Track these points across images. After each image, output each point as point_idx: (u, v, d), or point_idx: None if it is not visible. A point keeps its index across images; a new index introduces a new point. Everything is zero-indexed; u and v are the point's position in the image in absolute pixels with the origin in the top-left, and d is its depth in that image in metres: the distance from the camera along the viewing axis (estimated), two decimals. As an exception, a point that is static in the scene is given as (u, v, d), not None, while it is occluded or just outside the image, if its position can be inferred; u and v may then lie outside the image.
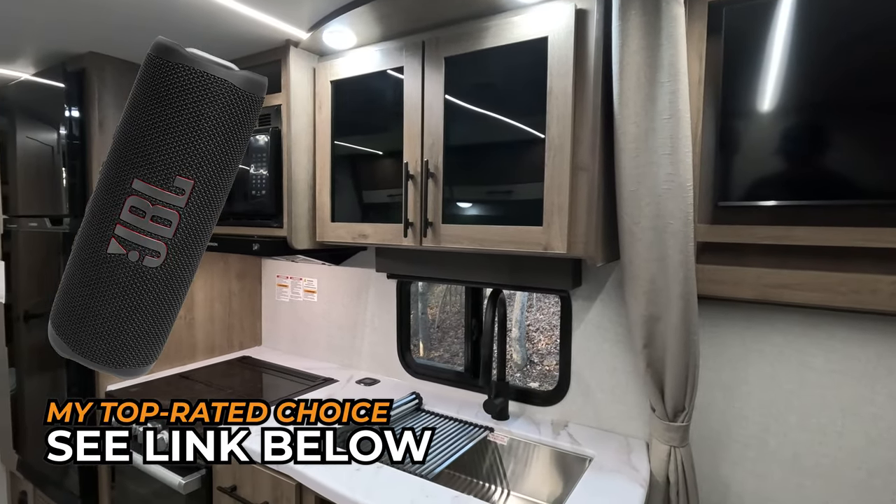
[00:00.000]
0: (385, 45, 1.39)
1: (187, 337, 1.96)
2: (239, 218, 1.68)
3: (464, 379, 1.69)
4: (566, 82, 1.09)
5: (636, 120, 1.05)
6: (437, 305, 7.39)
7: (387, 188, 1.46)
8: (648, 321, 1.12)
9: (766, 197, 1.09)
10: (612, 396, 1.39)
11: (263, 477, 1.25)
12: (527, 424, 1.44)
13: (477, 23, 1.22)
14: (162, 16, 1.33)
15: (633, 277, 1.12)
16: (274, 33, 1.43)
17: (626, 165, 1.07)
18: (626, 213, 1.10)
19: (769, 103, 1.06)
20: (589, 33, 1.08)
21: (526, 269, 1.39)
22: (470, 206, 1.30)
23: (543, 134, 1.14)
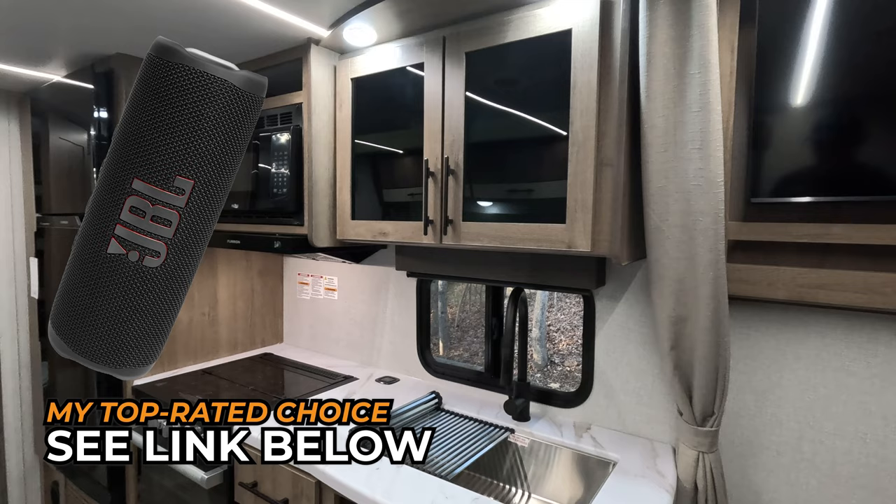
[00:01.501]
0: (405, 42, 1.38)
1: (210, 333, 1.99)
2: (261, 216, 1.69)
3: (484, 379, 1.67)
4: (591, 75, 1.06)
5: (664, 113, 1.01)
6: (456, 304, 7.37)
7: (407, 186, 1.45)
8: (676, 322, 1.09)
9: (802, 193, 1.04)
10: (637, 399, 1.35)
11: (284, 474, 1.25)
12: (548, 426, 1.41)
13: (499, 16, 1.20)
14: (185, 17, 1.34)
15: (660, 277, 1.08)
16: (295, 31, 1.43)
17: (654, 160, 1.04)
18: (652, 210, 1.06)
19: (804, 95, 1.01)
20: (615, 24, 1.04)
21: (548, 267, 1.37)
22: (490, 203, 1.28)
23: (566, 129, 1.11)
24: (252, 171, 1.67)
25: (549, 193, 1.17)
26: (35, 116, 2.12)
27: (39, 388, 2.24)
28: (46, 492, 2.31)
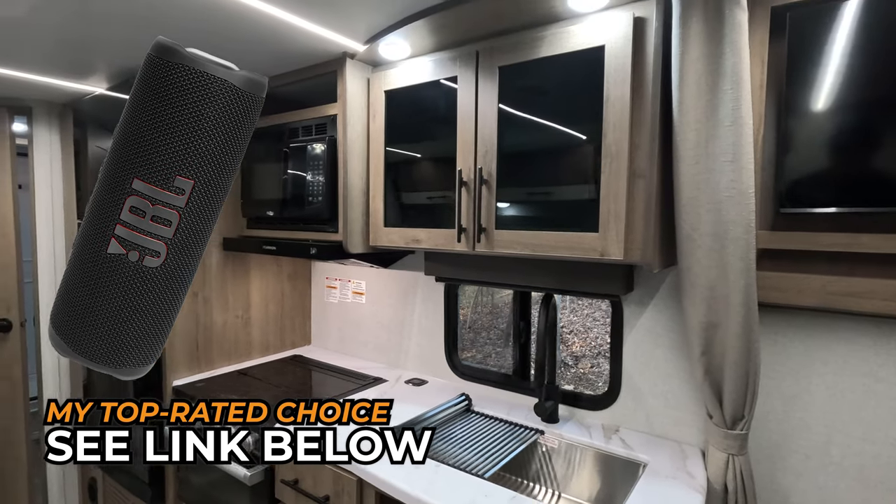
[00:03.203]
0: (438, 56, 1.43)
1: (244, 335, 2.06)
2: (295, 223, 1.75)
3: (511, 381, 1.71)
4: (624, 90, 1.10)
5: (697, 127, 1.04)
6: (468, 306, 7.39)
7: (438, 194, 1.50)
8: (707, 328, 1.12)
9: (830, 203, 1.07)
10: (665, 402, 1.39)
11: (325, 471, 1.31)
12: (577, 428, 1.45)
13: (532, 32, 1.25)
14: (226, 32, 1.39)
15: (692, 284, 1.12)
16: (331, 46, 1.49)
17: (686, 172, 1.07)
18: (684, 220, 1.10)
19: (833, 108, 1.04)
20: (647, 41, 1.08)
21: (578, 273, 1.40)
22: (523, 211, 1.32)
23: (599, 142, 1.15)
24: (284, 178, 1.74)
25: (581, 203, 1.21)
26: (77, 127, 2.21)
27: (79, 387, 2.33)
28: (84, 488, 2.39)
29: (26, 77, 1.87)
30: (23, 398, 2.30)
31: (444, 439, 1.42)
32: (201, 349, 1.90)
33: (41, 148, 2.30)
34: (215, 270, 1.94)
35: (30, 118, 2.27)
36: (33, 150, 2.28)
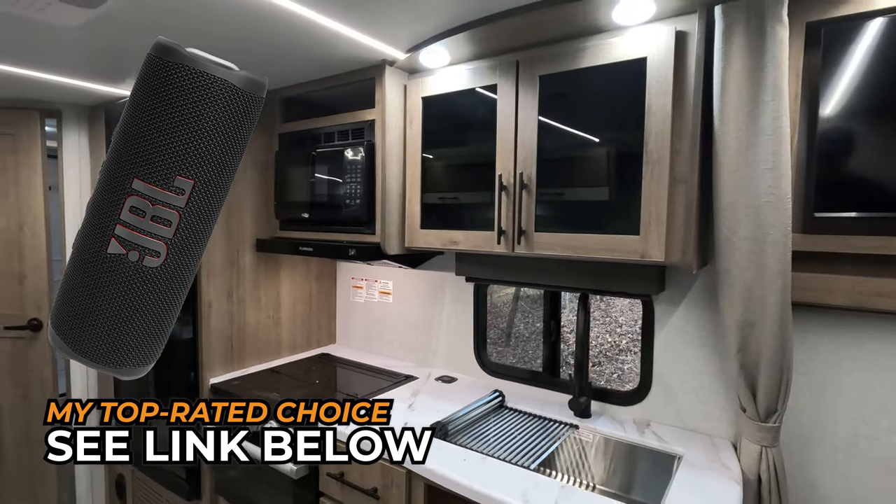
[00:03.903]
0: (477, 64, 1.48)
1: (274, 335, 2.10)
2: (330, 224, 1.80)
3: (541, 378, 1.77)
4: (665, 100, 1.16)
5: (737, 136, 1.10)
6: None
7: (475, 197, 1.55)
8: (743, 326, 1.18)
9: (861, 208, 1.13)
10: (696, 397, 1.45)
11: (373, 464, 1.36)
12: (610, 422, 1.51)
13: (573, 43, 1.30)
14: (267, 41, 1.42)
15: (730, 285, 1.17)
16: (372, 54, 1.54)
17: (726, 178, 1.13)
18: (723, 224, 1.16)
19: (863, 116, 1.10)
20: (689, 54, 1.14)
21: (611, 274, 1.46)
22: (562, 214, 1.38)
23: (640, 148, 1.20)
24: (320, 181, 1.79)
25: (621, 207, 1.27)
26: (108, 129, 2.25)
27: (109, 387, 2.36)
28: (111, 485, 2.43)
29: (58, 80, 1.90)
30: (53, 397, 2.33)
31: (483, 434, 1.47)
32: (235, 348, 1.95)
33: (70, 150, 2.33)
34: (249, 271, 1.98)
35: (59, 121, 2.30)
36: (63, 152, 2.32)
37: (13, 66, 1.71)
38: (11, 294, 2.25)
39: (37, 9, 1.18)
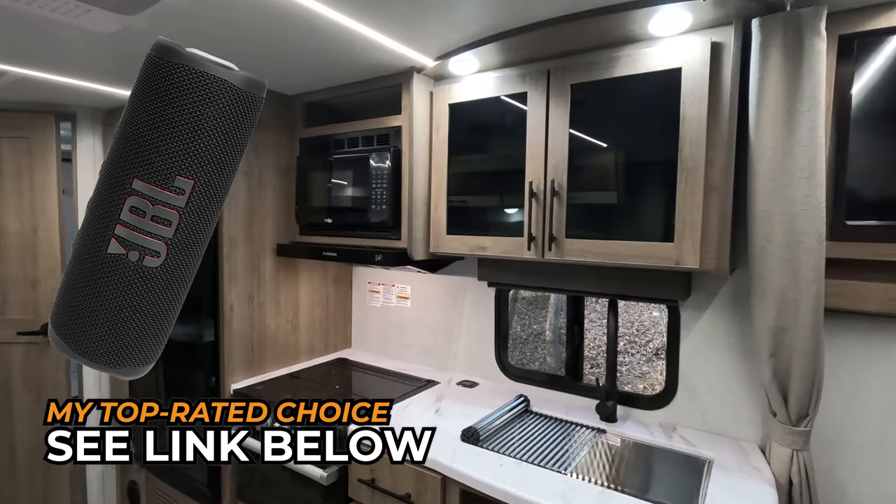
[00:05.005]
0: (506, 72, 1.50)
1: (293, 340, 2.10)
2: (354, 229, 1.81)
3: (563, 382, 1.78)
4: (700, 109, 1.18)
5: (773, 145, 1.13)
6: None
7: (501, 204, 1.57)
8: (776, 332, 1.20)
9: (892, 217, 1.16)
10: (723, 401, 1.47)
11: (405, 469, 1.36)
12: (636, 427, 1.53)
13: (606, 52, 1.32)
14: (302, 43, 1.41)
15: (763, 291, 1.20)
16: (401, 61, 1.55)
17: (761, 187, 1.16)
18: (758, 231, 1.18)
19: (893, 126, 1.13)
20: (724, 65, 1.16)
21: (638, 279, 1.48)
22: (593, 221, 1.39)
23: (674, 157, 1.22)
24: (344, 186, 1.79)
25: (655, 214, 1.29)
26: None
27: (125, 390, 2.35)
28: (123, 491, 2.41)
29: (75, 83, 1.88)
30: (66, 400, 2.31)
31: (512, 439, 1.48)
32: (255, 353, 1.95)
33: (84, 153, 2.32)
34: (269, 276, 1.98)
35: (74, 124, 2.29)
36: (77, 155, 2.30)
37: (33, 69, 1.70)
38: (25, 299, 2.23)
39: (76, 15, 1.18)
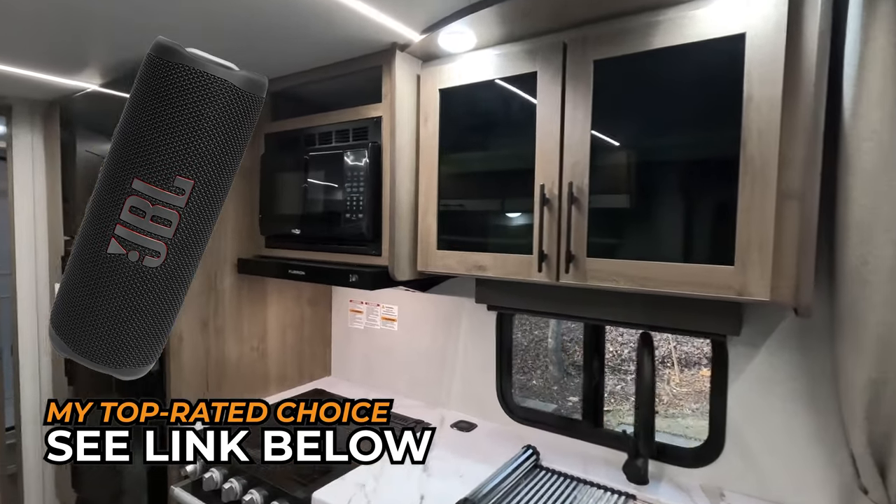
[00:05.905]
0: (509, 48, 1.20)
1: (260, 369, 1.79)
2: (326, 242, 1.50)
3: (580, 428, 1.48)
4: (773, 90, 0.88)
5: (878, 136, 0.83)
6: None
7: (505, 212, 1.27)
8: (875, 386, 0.90)
9: None
10: (784, 463, 1.16)
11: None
12: (673, 491, 1.22)
13: (642, 17, 1.02)
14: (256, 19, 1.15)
15: (858, 331, 0.89)
16: (381, 34, 1.25)
17: (858, 191, 0.86)
18: (850, 249, 0.88)
19: None
20: (805, 27, 0.87)
21: (674, 307, 1.18)
22: (624, 236, 1.09)
23: (734, 153, 0.93)
24: (314, 190, 1.49)
25: (707, 229, 0.99)
26: (64, 128, 1.93)
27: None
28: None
29: (7, 70, 1.60)
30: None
31: (519, 508, 1.18)
32: (211, 387, 1.64)
33: (22, 151, 2.01)
34: (229, 296, 1.67)
35: (9, 118, 1.98)
36: (12, 153, 2.00)
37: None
38: (-51, 320, 1.93)
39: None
